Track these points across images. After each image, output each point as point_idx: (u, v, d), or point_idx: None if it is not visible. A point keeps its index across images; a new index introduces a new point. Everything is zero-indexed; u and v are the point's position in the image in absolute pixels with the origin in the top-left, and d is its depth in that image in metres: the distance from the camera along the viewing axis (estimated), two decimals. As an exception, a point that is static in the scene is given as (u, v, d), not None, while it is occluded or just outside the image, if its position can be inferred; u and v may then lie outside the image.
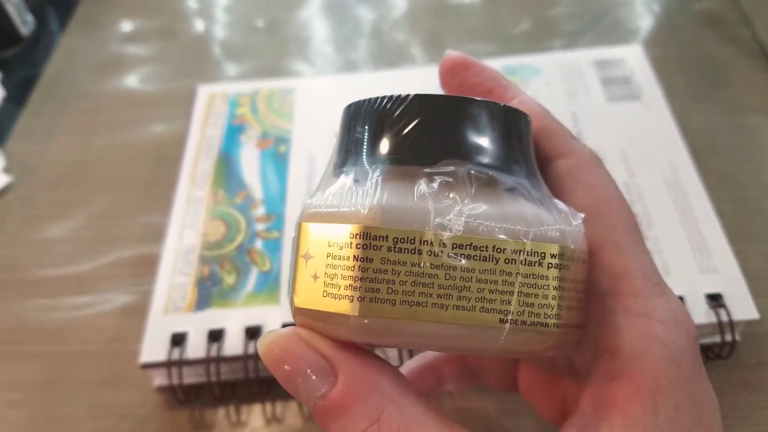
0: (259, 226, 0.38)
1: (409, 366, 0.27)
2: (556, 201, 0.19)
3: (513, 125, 0.19)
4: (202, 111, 0.46)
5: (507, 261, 0.16)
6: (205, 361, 0.33)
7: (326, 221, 0.17)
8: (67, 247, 0.43)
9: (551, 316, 0.17)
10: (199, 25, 0.58)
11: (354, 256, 0.16)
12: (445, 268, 0.16)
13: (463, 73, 0.23)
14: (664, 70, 0.45)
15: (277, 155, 0.42)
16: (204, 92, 0.47)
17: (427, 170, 0.17)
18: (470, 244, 0.16)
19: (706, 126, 0.43)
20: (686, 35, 0.51)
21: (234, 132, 0.44)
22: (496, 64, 0.45)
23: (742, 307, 0.32)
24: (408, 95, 0.18)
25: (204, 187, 0.41)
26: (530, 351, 0.18)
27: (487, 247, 0.16)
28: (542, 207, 0.18)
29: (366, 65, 0.52)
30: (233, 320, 0.34)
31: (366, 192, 0.17)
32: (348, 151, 0.19)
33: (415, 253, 0.16)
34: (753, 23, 0.50)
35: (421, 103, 0.18)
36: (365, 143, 0.19)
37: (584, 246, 0.18)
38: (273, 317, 0.34)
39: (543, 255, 0.17)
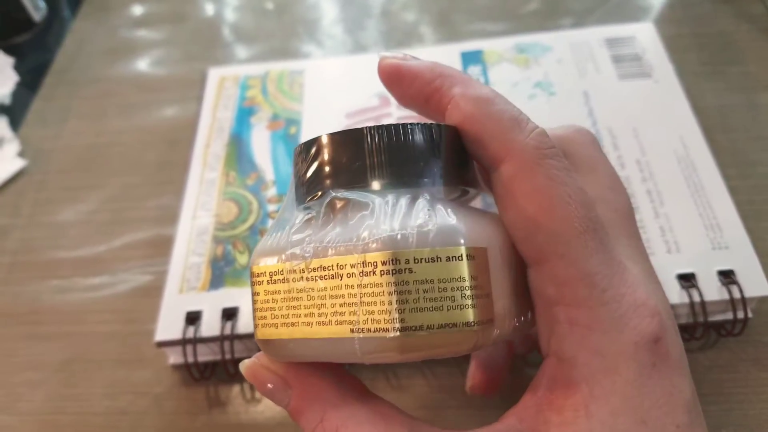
0: (271, 207, 0.38)
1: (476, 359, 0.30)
2: (437, 206, 0.19)
3: (395, 142, 0.20)
4: (213, 94, 0.46)
5: (349, 275, 0.18)
6: (220, 339, 0.33)
7: (250, 265, 0.21)
8: (81, 229, 0.43)
9: (389, 321, 0.18)
10: (209, 9, 0.58)
11: (252, 292, 0.20)
12: (307, 290, 0.19)
13: (397, 87, 0.23)
14: (676, 48, 0.44)
15: (287, 137, 0.42)
16: (215, 75, 0.47)
17: (303, 206, 0.21)
18: (320, 266, 0.19)
19: (718, 103, 0.43)
20: (698, 12, 0.50)
21: (245, 114, 0.44)
22: (506, 42, 0.45)
23: (755, 284, 0.32)
24: (301, 143, 0.21)
25: (216, 169, 0.41)
26: (388, 356, 0.18)
27: (332, 266, 0.18)
28: (392, 217, 0.19)
29: (375, 46, 0.52)
30: (247, 299, 0.34)
31: (264, 238, 0.21)
32: (288, 196, 0.22)
33: (284, 282, 0.19)
34: (767, -1, 0.49)
35: (307, 146, 0.21)
36: (291, 188, 0.22)
37: (449, 243, 0.18)
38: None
39: (375, 264, 0.18)
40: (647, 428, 0.18)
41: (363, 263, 0.18)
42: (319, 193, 0.20)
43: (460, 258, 0.18)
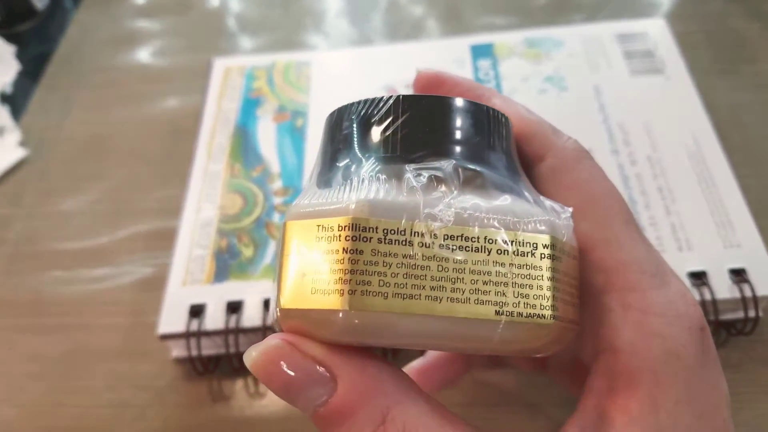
0: (277, 200, 0.38)
1: (432, 353, 0.28)
2: (543, 198, 0.19)
3: (496, 126, 0.19)
4: (218, 84, 0.45)
5: (499, 252, 0.16)
6: (224, 333, 0.33)
7: (314, 217, 0.17)
8: (84, 220, 0.43)
9: (547, 308, 0.17)
10: (214, -1, 0.58)
11: (343, 249, 0.16)
12: (437, 259, 0.16)
13: (436, 90, 0.23)
14: (688, 45, 0.44)
15: (294, 129, 0.42)
16: (220, 65, 0.47)
17: (414, 166, 0.17)
18: (461, 235, 0.16)
19: (731, 100, 0.42)
20: (709, 9, 0.49)
21: (250, 105, 0.44)
22: (517, 36, 0.45)
23: (766, 283, 0.31)
24: (391, 96, 0.19)
25: (221, 161, 0.40)
26: (527, 347, 0.17)
27: (478, 238, 0.16)
28: (529, 202, 0.18)
29: (381, 38, 0.52)
30: (252, 292, 0.34)
31: (354, 189, 0.17)
32: (334, 157, 0.19)
33: (406, 245, 0.16)
34: (778, -4, 0.49)
35: (405, 102, 0.18)
36: (351, 146, 0.19)
37: (574, 242, 0.18)
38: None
39: (535, 245, 0.17)
40: (705, 423, 0.17)
41: (521, 242, 0.17)
42: (439, 159, 0.18)
43: (575, 257, 0.18)
